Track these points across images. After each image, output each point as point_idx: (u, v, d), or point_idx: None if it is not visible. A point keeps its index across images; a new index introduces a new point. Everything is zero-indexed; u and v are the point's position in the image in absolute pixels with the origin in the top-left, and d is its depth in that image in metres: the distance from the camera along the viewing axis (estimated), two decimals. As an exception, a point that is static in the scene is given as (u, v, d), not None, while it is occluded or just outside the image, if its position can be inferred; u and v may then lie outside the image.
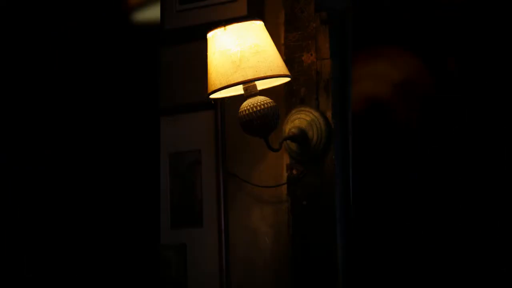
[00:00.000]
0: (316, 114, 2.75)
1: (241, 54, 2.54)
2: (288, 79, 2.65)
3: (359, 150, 2.78)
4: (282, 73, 2.58)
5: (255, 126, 2.55)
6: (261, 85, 2.64)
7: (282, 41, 2.84)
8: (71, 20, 3.15)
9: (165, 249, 3.02)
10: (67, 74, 3.14)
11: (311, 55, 2.77)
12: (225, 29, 2.58)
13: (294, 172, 2.79)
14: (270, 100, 2.57)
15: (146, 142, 3.09)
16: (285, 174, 2.82)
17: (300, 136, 2.74)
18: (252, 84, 2.58)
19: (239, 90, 2.63)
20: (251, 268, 2.88)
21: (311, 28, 2.78)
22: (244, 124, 2.57)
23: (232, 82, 2.54)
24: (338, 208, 2.71)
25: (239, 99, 2.61)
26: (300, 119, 2.76)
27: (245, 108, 2.56)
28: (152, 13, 3.13)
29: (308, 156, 2.75)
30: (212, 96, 2.64)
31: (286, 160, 2.82)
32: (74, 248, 3.05)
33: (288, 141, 2.78)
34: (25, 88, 3.08)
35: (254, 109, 2.54)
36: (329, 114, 2.74)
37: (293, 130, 2.76)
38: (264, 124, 2.55)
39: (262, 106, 2.55)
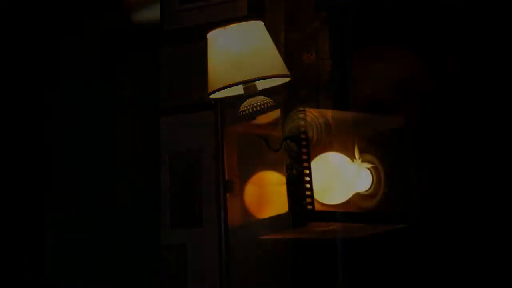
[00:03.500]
0: (316, 114, 2.74)
1: (241, 54, 2.54)
2: (288, 79, 2.65)
3: (359, 150, 2.77)
4: (282, 73, 2.57)
5: (255, 126, 2.56)
6: (261, 85, 2.64)
7: (282, 41, 2.84)
8: (71, 20, 3.15)
9: (165, 249, 3.02)
10: (67, 74, 3.14)
11: (311, 55, 2.77)
12: (225, 29, 2.58)
13: (294, 172, 2.79)
14: (270, 100, 2.57)
15: (146, 142, 3.09)
16: (285, 174, 2.81)
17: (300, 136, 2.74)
18: (252, 84, 2.58)
19: (239, 90, 2.63)
20: (251, 268, 2.87)
21: (311, 28, 2.78)
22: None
23: (232, 82, 2.54)
24: (338, 208, 2.71)
25: (239, 99, 2.61)
26: (300, 119, 2.76)
27: (245, 108, 2.56)
28: (152, 13, 3.13)
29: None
30: (212, 96, 2.64)
31: (286, 160, 2.81)
32: (74, 248, 3.05)
33: (288, 141, 2.77)
34: (25, 88, 3.08)
35: (254, 109, 2.54)
36: (329, 114, 2.74)
37: (293, 130, 2.76)
38: (264, 124, 2.55)
39: (262, 106, 2.55)
